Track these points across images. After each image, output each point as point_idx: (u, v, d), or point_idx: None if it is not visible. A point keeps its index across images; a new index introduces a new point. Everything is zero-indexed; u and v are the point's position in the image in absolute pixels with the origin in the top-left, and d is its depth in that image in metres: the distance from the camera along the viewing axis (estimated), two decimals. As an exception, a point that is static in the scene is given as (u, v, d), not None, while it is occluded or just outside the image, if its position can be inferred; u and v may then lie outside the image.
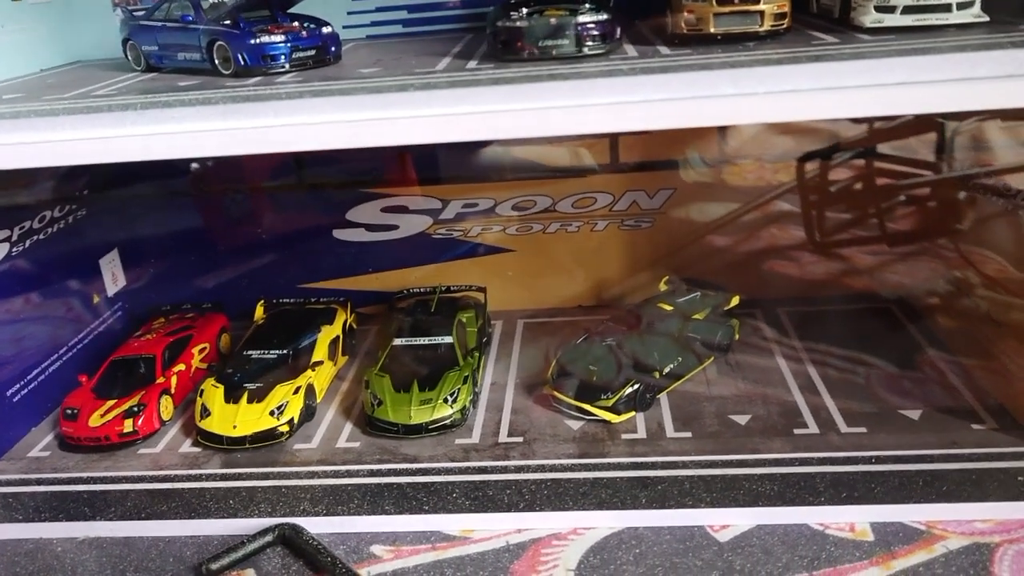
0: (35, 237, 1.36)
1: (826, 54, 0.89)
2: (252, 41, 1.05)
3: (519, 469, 1.13)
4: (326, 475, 1.15)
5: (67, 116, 0.90)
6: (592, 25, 0.99)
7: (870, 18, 1.00)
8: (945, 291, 1.52)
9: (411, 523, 1.06)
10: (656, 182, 1.52)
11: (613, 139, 1.52)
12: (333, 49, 1.12)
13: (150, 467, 1.20)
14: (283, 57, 1.06)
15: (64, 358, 1.42)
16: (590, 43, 0.99)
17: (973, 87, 0.81)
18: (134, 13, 1.23)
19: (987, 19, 0.98)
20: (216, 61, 1.09)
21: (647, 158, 1.53)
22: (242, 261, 1.64)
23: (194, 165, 1.57)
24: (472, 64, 1.03)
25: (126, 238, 1.59)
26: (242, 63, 1.06)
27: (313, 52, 1.09)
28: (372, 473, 1.14)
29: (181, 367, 1.37)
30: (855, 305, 1.53)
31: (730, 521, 1.03)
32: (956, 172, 1.58)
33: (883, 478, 1.05)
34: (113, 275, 1.57)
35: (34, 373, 1.35)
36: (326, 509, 1.08)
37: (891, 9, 0.99)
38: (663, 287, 1.48)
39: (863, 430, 1.15)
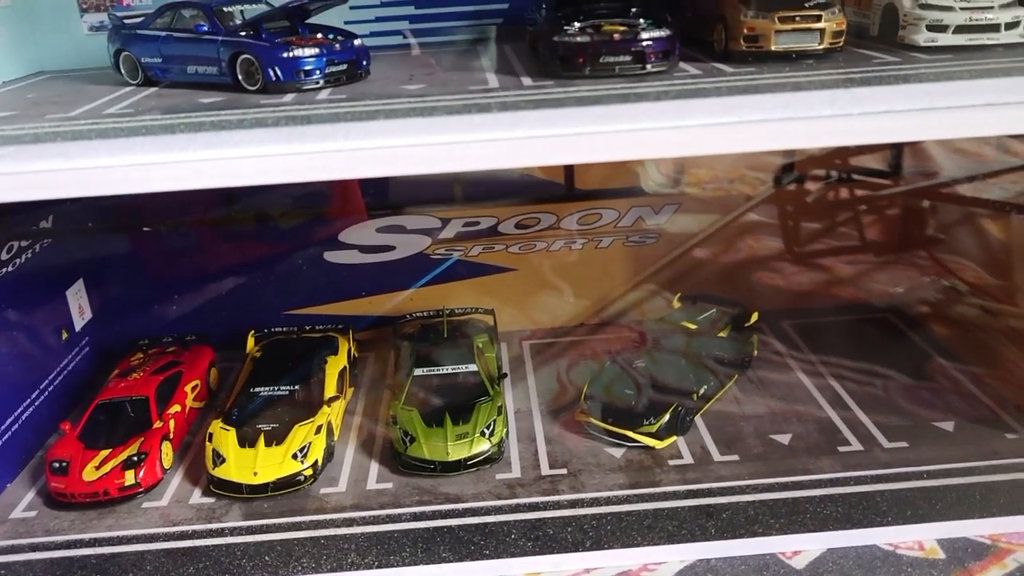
0: (2, 270, 1.22)
1: (904, 74, 0.89)
2: (285, 55, 0.96)
3: (573, 504, 1.07)
4: (365, 521, 1.06)
5: (101, 140, 0.79)
6: (655, 42, 0.95)
7: (923, 37, 1.00)
8: (937, 299, 1.57)
9: (473, 570, 0.99)
10: (661, 198, 1.50)
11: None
12: (364, 63, 1.04)
13: (162, 523, 1.08)
14: (317, 72, 0.98)
15: (36, 402, 1.27)
16: (653, 60, 0.96)
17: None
18: (126, 21, 1.11)
19: (1033, 39, 1.00)
20: (240, 76, 0.99)
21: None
22: (221, 288, 1.52)
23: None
24: (528, 81, 0.97)
25: (93, 266, 1.45)
26: (273, 78, 0.97)
27: (345, 67, 1.01)
28: (416, 516, 1.07)
29: (176, 408, 1.25)
30: (854, 315, 1.55)
31: (801, 547, 1.01)
32: (936, 182, 1.64)
33: (941, 493, 1.05)
34: (80, 307, 1.43)
35: (7, 423, 1.20)
36: (377, 560, 1.00)
37: (943, 28, 1.00)
38: (677, 304, 1.46)
39: (905, 444, 1.15)
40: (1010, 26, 1.00)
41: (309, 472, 1.13)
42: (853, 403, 1.26)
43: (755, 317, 1.41)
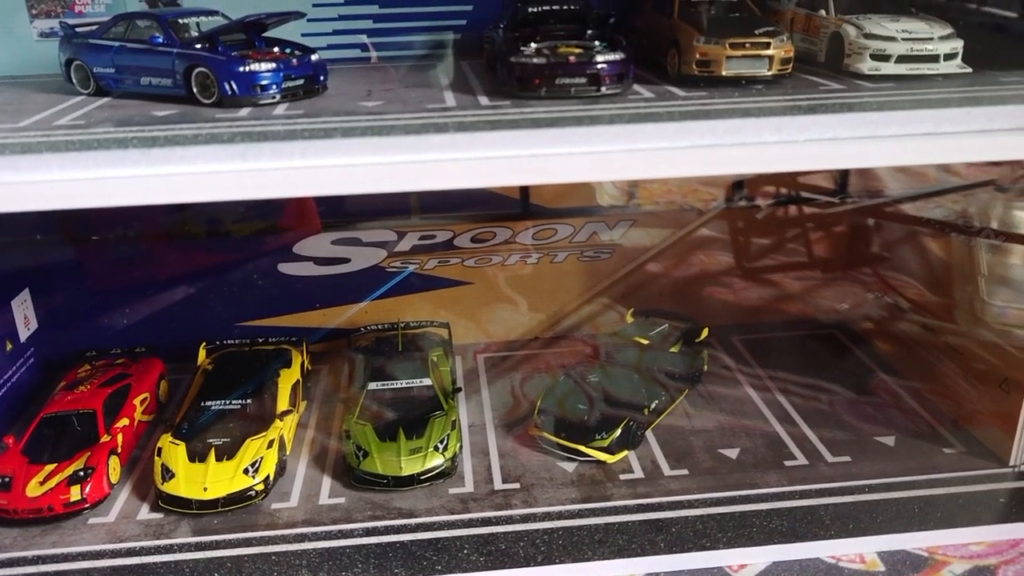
0: (-56, 279, 1.19)
1: (848, 102, 0.92)
2: (241, 69, 0.96)
3: (525, 519, 1.08)
4: (317, 537, 1.06)
5: (52, 154, 0.78)
6: (609, 65, 0.97)
7: (867, 65, 1.04)
8: (880, 316, 1.61)
9: (425, 586, 0.99)
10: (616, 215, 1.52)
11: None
12: (322, 78, 1.04)
13: (108, 539, 1.06)
14: (274, 87, 0.98)
15: (-22, 416, 1.24)
16: (608, 83, 0.97)
17: (994, 139, 0.86)
18: (78, 30, 1.10)
19: (969, 70, 1.05)
20: (195, 89, 0.98)
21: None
22: (172, 298, 1.50)
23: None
24: (484, 100, 0.98)
25: (38, 275, 1.42)
26: (229, 92, 0.96)
27: (302, 81, 1.01)
28: (368, 532, 1.07)
29: (124, 422, 1.23)
30: (800, 331, 1.59)
31: (747, 560, 1.03)
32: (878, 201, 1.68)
33: (881, 507, 1.09)
34: (25, 318, 1.40)
35: (-53, 436, 1.17)
36: (328, 576, 1.00)
37: (886, 58, 1.04)
38: (630, 319, 1.48)
39: (848, 459, 1.19)
40: (948, 57, 1.04)
41: (260, 487, 1.12)
42: (799, 418, 1.29)
43: (705, 332, 1.43)
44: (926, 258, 1.68)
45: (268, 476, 1.13)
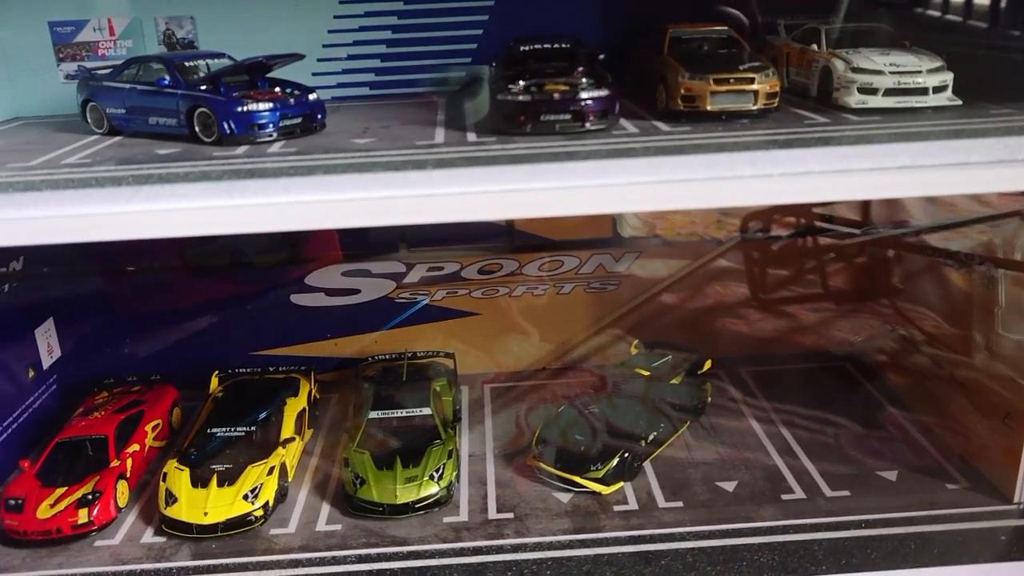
0: (-31, 309, 1.25)
1: (828, 136, 0.93)
2: (240, 109, 1.01)
3: (515, 548, 1.09)
4: (311, 563, 1.08)
5: (51, 191, 0.83)
6: (594, 101, 1.00)
7: (854, 99, 1.05)
8: (893, 348, 1.59)
9: (411, 613, 1.01)
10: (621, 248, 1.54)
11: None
12: (320, 117, 1.08)
13: (111, 561, 1.10)
14: (271, 126, 1.02)
15: (-1, 440, 1.30)
16: (592, 118, 1.00)
17: (969, 172, 0.86)
18: (95, 73, 1.16)
19: (960, 103, 1.04)
20: (196, 128, 1.03)
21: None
22: (188, 328, 1.55)
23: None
24: (472, 137, 1.01)
25: (63, 306, 1.48)
26: (228, 131, 1.01)
27: (300, 120, 1.05)
28: (361, 559, 1.08)
29: (135, 447, 1.27)
30: (811, 364, 1.58)
31: (737, 594, 1.02)
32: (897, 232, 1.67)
33: (877, 543, 1.07)
34: (48, 346, 1.45)
35: (-32, 460, 1.23)
36: (318, 602, 1.02)
37: (874, 91, 1.04)
38: (634, 351, 1.48)
39: (847, 493, 1.17)
40: (938, 90, 1.04)
41: (260, 513, 1.15)
42: (801, 451, 1.28)
43: (708, 364, 1.43)
44: (946, 290, 1.66)
45: (268, 502, 1.16)
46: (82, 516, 1.14)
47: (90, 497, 1.16)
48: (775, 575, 1.03)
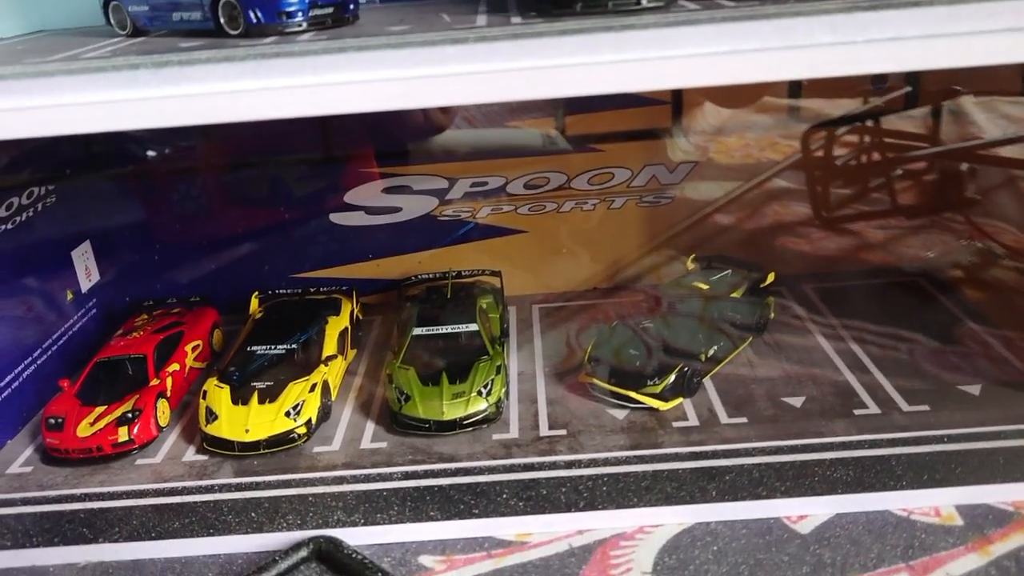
0: (1, 227, 1.21)
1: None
2: (266, -4, 0.93)
3: (570, 464, 1.03)
4: (356, 480, 1.04)
5: (65, 77, 0.77)
6: (651, -26, 0.90)
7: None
8: (970, 263, 1.48)
9: (461, 529, 0.96)
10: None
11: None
12: (352, 7, 1.00)
13: (153, 479, 1.07)
14: (300, 14, 0.95)
15: (38, 362, 1.27)
16: (649, -6, 0.90)
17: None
18: (115, -29, 1.09)
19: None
20: (222, 20, 0.96)
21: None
22: (227, 250, 1.51)
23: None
24: (516, 19, 0.93)
25: (99, 228, 1.45)
26: (254, 21, 0.94)
27: (331, 10, 0.98)
28: (407, 476, 1.04)
29: (175, 367, 1.24)
30: (880, 279, 1.48)
31: (808, 511, 0.96)
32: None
33: (961, 458, 0.99)
34: (86, 269, 1.42)
35: (6, 379, 1.20)
36: (363, 518, 0.98)
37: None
38: (690, 266, 1.40)
39: (927, 408, 1.09)
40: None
41: (303, 430, 1.11)
42: (874, 367, 1.20)
43: (771, 278, 1.34)
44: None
45: (310, 419, 1.12)
46: (122, 434, 1.11)
47: (130, 415, 1.13)
48: (850, 490, 0.96)
